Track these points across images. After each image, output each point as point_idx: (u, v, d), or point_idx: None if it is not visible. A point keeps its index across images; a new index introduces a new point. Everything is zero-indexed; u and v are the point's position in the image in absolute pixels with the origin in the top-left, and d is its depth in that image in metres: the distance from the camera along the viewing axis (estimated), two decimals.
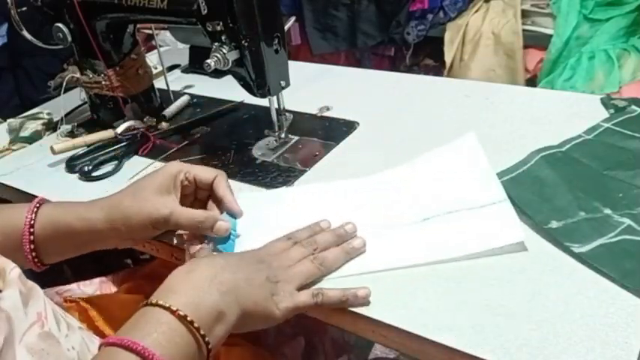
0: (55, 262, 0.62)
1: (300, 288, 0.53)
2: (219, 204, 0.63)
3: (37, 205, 0.60)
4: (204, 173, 0.63)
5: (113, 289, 0.80)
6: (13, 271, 0.52)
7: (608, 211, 0.58)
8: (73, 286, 0.76)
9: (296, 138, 0.82)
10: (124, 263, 1.03)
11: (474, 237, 0.56)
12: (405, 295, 0.52)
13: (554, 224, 0.57)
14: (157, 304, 0.46)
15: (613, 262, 0.51)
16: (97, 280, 0.78)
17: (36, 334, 0.48)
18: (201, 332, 0.45)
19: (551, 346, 0.45)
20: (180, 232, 0.64)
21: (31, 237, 0.59)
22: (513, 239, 0.55)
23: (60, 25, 0.86)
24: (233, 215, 0.62)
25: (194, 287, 0.48)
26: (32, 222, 0.59)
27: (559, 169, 0.65)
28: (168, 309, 0.45)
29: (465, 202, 0.60)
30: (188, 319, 0.45)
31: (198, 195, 0.65)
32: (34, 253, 0.59)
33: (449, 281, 0.53)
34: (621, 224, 0.56)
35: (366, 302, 0.52)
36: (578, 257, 0.53)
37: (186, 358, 0.45)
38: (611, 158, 0.65)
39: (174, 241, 0.64)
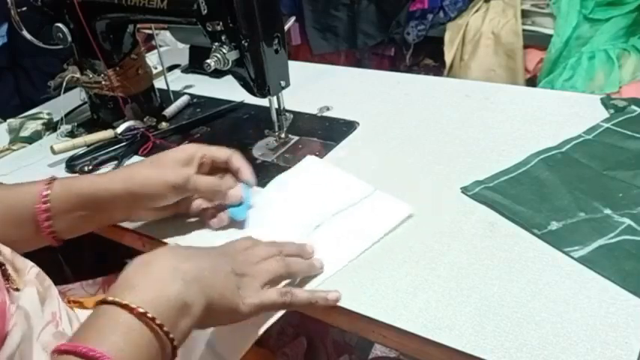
0: (71, 236, 0.62)
1: (265, 287, 0.51)
2: (236, 176, 0.65)
3: (50, 179, 0.60)
4: (221, 152, 0.65)
5: None
6: (32, 270, 0.52)
7: (608, 211, 0.58)
8: (76, 285, 0.76)
9: (296, 138, 0.82)
10: (124, 263, 1.03)
11: (370, 226, 0.60)
12: (405, 295, 0.52)
13: (554, 225, 0.57)
14: (113, 302, 0.41)
15: (613, 265, 0.51)
16: (99, 279, 0.78)
17: (51, 333, 0.48)
18: (165, 329, 0.42)
19: (551, 346, 0.45)
20: (199, 201, 0.66)
21: (47, 206, 0.58)
22: (404, 214, 0.61)
23: (60, 25, 0.86)
24: (248, 186, 0.65)
25: (155, 279, 0.44)
26: (47, 194, 0.58)
27: (558, 170, 0.65)
28: (126, 307, 0.41)
29: (343, 202, 0.64)
30: (149, 315, 0.41)
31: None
32: (50, 227, 0.59)
33: (449, 281, 0.53)
34: (621, 224, 0.56)
35: (335, 304, 0.51)
36: (579, 261, 0.53)
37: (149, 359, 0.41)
38: (611, 158, 0.65)
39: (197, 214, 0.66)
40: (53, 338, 0.49)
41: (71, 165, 0.83)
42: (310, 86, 0.98)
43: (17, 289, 0.48)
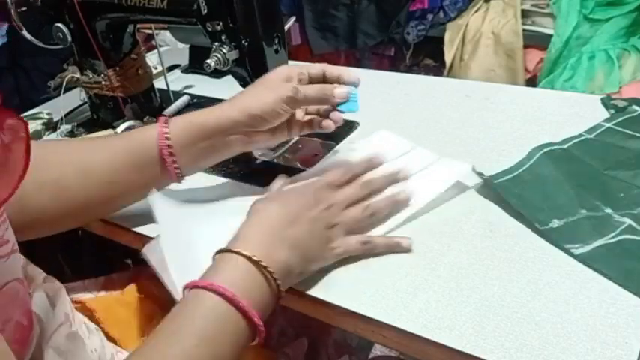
0: (192, 172, 0.65)
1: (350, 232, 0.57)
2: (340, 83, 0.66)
3: (165, 119, 0.62)
4: (314, 68, 0.66)
5: (118, 288, 0.80)
6: (39, 276, 0.52)
7: (608, 210, 0.58)
8: (79, 284, 0.76)
9: (296, 138, 0.82)
10: (124, 263, 1.03)
11: (435, 184, 0.63)
12: (405, 295, 0.52)
13: (555, 223, 0.57)
14: (237, 252, 0.49)
15: (613, 264, 0.51)
16: (102, 278, 0.78)
17: (64, 334, 0.49)
18: (277, 281, 0.49)
19: (551, 346, 0.45)
20: (300, 113, 0.68)
21: (169, 142, 0.60)
22: (465, 171, 0.64)
23: (60, 25, 0.86)
24: (353, 85, 0.66)
25: (267, 242, 0.51)
26: (167, 131, 0.60)
27: (561, 165, 0.65)
28: (246, 256, 0.49)
29: (411, 169, 0.66)
30: (268, 268, 0.49)
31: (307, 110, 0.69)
32: (175, 162, 0.61)
33: (449, 281, 0.53)
34: (622, 224, 0.56)
35: (409, 250, 0.57)
36: (579, 259, 0.53)
37: (265, 305, 0.49)
38: (612, 158, 0.65)
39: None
40: (67, 339, 0.49)
41: None
42: None
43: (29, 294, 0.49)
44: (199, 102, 1.00)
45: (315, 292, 0.54)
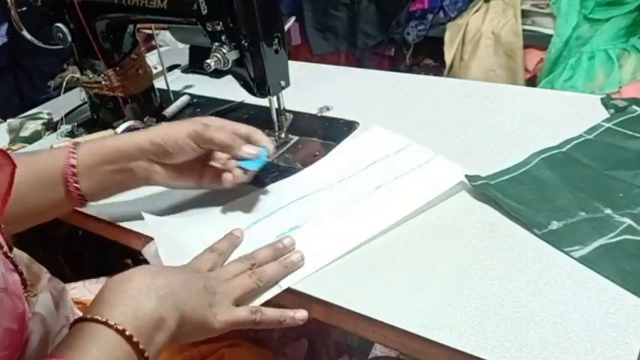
0: (95, 198, 0.64)
1: (237, 303, 0.52)
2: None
3: (74, 143, 0.62)
4: (241, 129, 0.66)
5: None
6: (45, 275, 0.52)
7: (608, 211, 0.58)
8: (79, 284, 0.76)
9: (296, 138, 0.82)
10: (124, 263, 1.03)
11: (423, 189, 0.64)
12: (405, 295, 0.52)
13: (554, 224, 0.57)
14: (93, 319, 0.43)
15: (613, 265, 0.51)
16: (102, 278, 0.78)
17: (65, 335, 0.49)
18: (141, 347, 0.43)
19: (551, 346, 0.45)
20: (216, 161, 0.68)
21: (74, 162, 0.60)
22: (455, 180, 0.63)
23: (60, 25, 0.86)
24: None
25: (131, 296, 0.46)
26: (74, 151, 0.60)
27: (559, 170, 0.65)
28: (105, 324, 0.43)
29: (405, 166, 0.69)
30: (127, 333, 0.43)
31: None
32: (77, 183, 0.60)
33: (449, 281, 0.53)
34: (622, 224, 0.56)
35: (303, 321, 0.53)
36: (579, 261, 0.53)
37: None
38: (612, 158, 0.65)
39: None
40: None
41: None
42: (310, 86, 0.98)
43: (35, 295, 0.49)
44: (199, 102, 1.01)
45: (315, 292, 0.54)
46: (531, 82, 1.77)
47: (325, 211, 0.64)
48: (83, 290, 0.75)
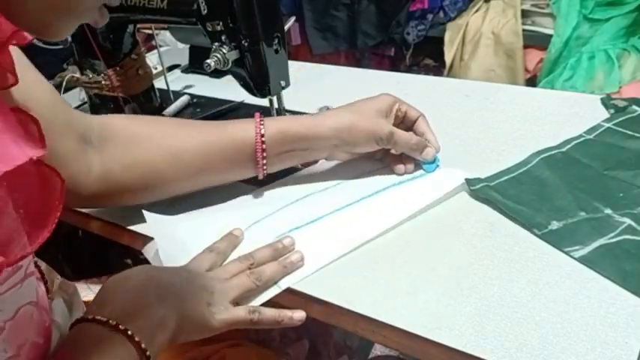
0: (275, 170, 0.67)
1: (235, 302, 0.53)
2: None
3: (262, 117, 0.64)
4: (412, 110, 0.68)
5: None
6: (56, 280, 0.52)
7: (608, 211, 0.58)
8: (82, 284, 0.76)
9: None
10: (124, 263, 1.03)
11: (424, 192, 0.64)
12: (405, 295, 0.52)
13: (554, 225, 0.57)
14: (93, 320, 0.43)
15: (613, 265, 0.51)
16: (104, 278, 0.78)
17: None
18: (143, 346, 0.43)
19: (551, 346, 0.45)
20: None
21: (263, 146, 0.62)
22: (456, 183, 0.64)
23: None
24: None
25: (131, 296, 0.46)
26: (262, 132, 0.62)
27: (559, 170, 0.65)
28: (106, 323, 0.43)
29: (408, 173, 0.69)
30: (129, 333, 0.43)
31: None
32: (265, 164, 0.64)
33: (449, 281, 0.53)
34: (622, 224, 0.56)
35: (300, 322, 0.53)
36: (579, 261, 0.53)
37: None
38: (612, 158, 0.65)
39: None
40: None
41: None
42: (310, 86, 0.98)
43: (51, 299, 0.49)
44: (199, 102, 1.00)
45: (316, 292, 0.54)
46: (531, 82, 1.77)
47: (325, 211, 0.64)
48: (86, 290, 0.75)
